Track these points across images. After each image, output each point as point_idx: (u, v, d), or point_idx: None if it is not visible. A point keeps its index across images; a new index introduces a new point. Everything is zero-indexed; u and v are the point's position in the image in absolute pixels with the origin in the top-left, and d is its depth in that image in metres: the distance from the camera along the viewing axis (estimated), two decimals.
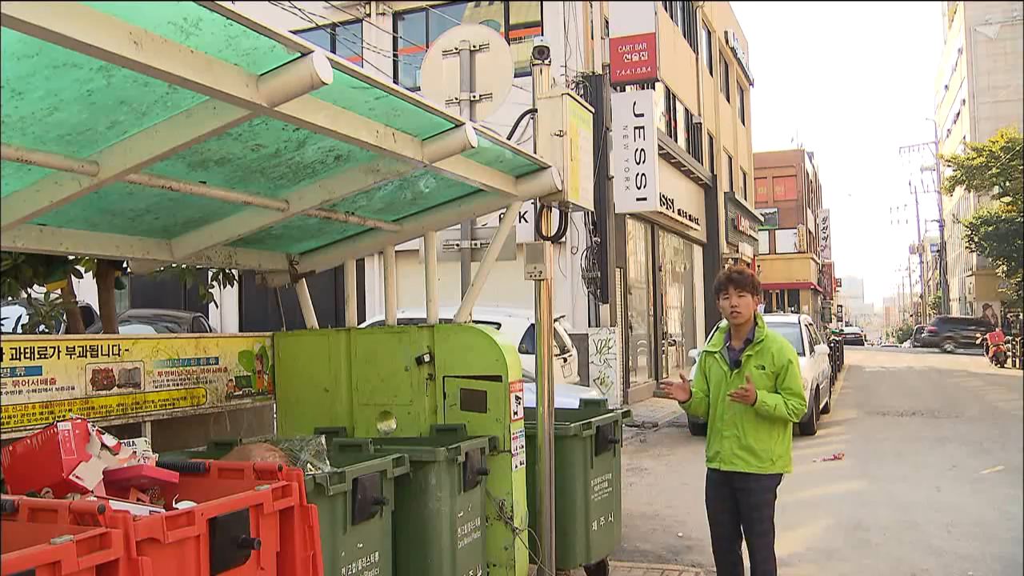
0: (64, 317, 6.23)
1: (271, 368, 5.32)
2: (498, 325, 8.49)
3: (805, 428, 12.83)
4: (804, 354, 14.16)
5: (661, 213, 19.57)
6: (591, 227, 15.50)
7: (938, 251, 59.89)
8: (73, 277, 5.95)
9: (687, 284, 26.23)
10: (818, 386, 13.90)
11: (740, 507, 4.53)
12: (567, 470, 5.04)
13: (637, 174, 16.23)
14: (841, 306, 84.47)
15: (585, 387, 12.02)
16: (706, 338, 18.28)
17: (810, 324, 16.71)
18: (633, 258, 19.65)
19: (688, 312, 26.29)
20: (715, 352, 4.67)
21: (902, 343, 67.00)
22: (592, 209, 6.16)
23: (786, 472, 4.53)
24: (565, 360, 11.35)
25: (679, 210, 22.12)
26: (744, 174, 35.29)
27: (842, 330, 53.89)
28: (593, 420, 5.28)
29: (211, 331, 12.87)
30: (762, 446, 4.45)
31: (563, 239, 5.24)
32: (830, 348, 20.02)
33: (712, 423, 4.65)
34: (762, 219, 38.90)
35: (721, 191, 28.11)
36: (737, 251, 30.58)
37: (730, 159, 31.51)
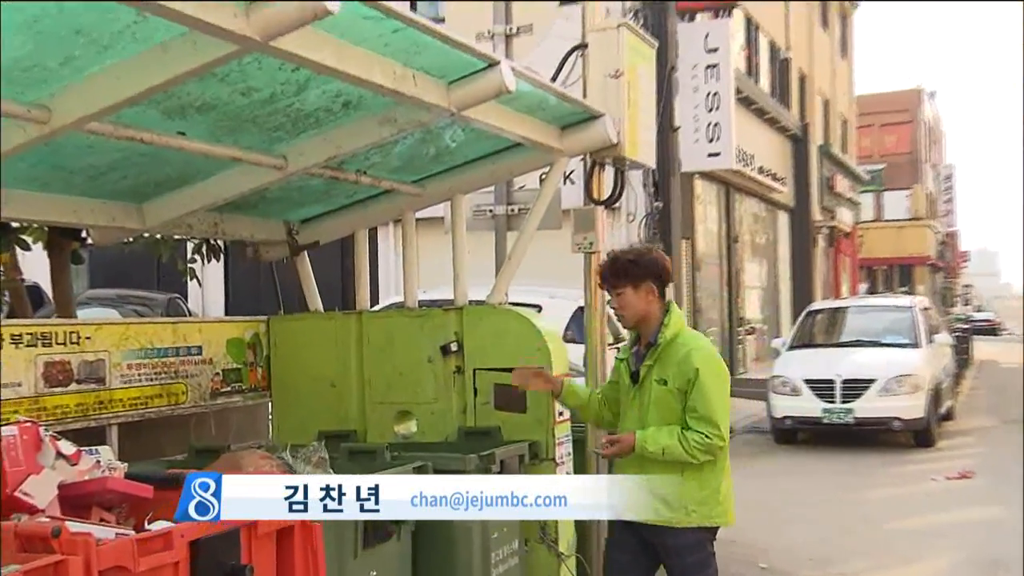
0: (7, 298, 6.28)
1: (266, 360, 5.38)
2: (539, 308, 8.50)
3: (922, 438, 12.53)
4: (919, 345, 13.86)
5: (738, 172, 19.41)
6: (652, 189, 15.41)
7: None
8: (18, 249, 6.00)
9: (770, 259, 26.00)
10: (938, 386, 13.64)
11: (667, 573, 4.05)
12: None
13: (709, 124, 16.10)
14: (969, 286, 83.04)
15: None
16: (792, 325, 18.11)
17: (927, 309, 16.46)
18: (703, 227, 19.54)
19: (771, 293, 26.09)
20: (623, 359, 4.20)
21: None
22: (654, 167, 6.13)
23: (714, 524, 3.96)
24: (619, 350, 11.33)
25: (760, 167, 21.92)
26: (844, 122, 34.85)
27: (970, 316, 53.05)
28: None
29: (191, 315, 13.03)
30: (671, 490, 3.84)
31: (618, 204, 5.22)
32: (954, 339, 19.70)
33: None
34: (866, 178, 38.41)
35: (814, 144, 27.80)
36: (833, 218, 30.27)
37: (826, 104, 31.12)
